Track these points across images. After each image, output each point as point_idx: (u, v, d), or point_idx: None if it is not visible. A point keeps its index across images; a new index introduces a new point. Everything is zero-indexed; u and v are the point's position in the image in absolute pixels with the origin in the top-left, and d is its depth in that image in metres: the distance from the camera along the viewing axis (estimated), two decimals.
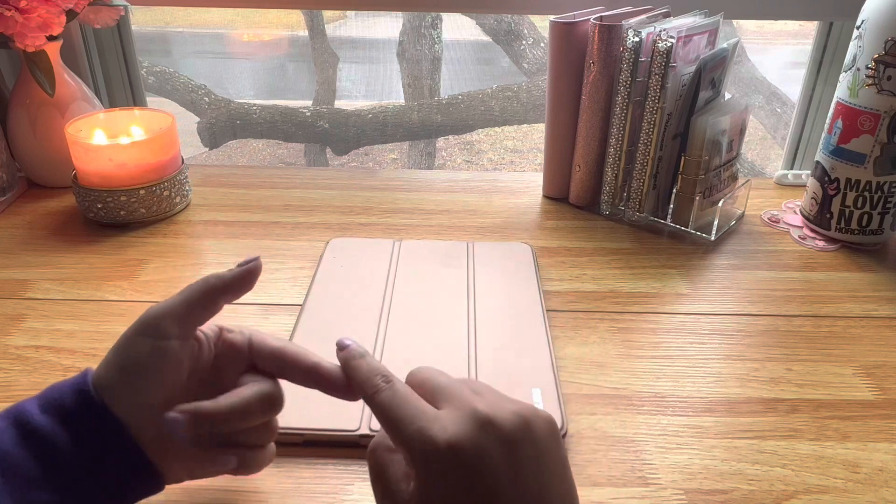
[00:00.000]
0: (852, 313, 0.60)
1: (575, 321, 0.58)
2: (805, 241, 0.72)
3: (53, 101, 0.75)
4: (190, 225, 0.72)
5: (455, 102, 2.09)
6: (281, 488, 0.42)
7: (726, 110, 0.71)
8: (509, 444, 0.29)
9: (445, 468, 0.28)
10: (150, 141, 0.70)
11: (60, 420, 0.32)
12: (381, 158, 2.52)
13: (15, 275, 0.62)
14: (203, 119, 2.05)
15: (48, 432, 0.32)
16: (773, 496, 0.42)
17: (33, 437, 0.32)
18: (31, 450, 0.32)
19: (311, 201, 0.77)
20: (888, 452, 0.45)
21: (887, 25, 0.62)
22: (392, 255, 0.65)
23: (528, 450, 0.29)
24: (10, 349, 0.53)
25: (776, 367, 0.53)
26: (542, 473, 0.29)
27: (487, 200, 0.79)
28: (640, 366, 0.53)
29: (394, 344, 0.52)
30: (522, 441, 0.29)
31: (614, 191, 0.74)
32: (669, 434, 0.46)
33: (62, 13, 0.68)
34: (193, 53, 2.61)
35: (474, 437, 0.29)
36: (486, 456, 0.29)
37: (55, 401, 0.33)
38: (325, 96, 2.28)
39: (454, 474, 0.28)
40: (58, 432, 0.32)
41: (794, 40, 2.50)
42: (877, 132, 0.65)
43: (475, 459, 0.28)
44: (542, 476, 0.29)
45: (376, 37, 2.50)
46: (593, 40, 0.69)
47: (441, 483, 0.28)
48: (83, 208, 0.71)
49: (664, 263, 0.67)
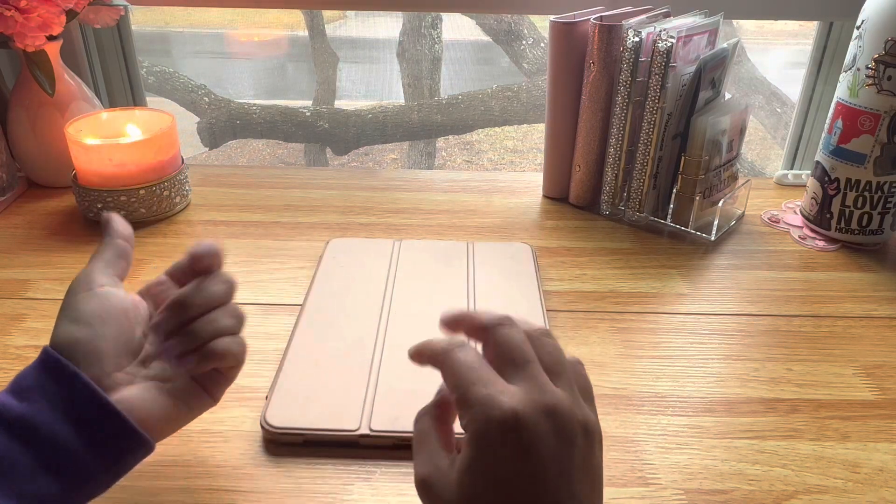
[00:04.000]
0: (852, 313, 0.60)
1: (575, 321, 0.58)
2: (805, 241, 0.72)
3: (53, 101, 0.75)
4: (190, 225, 0.72)
5: (455, 102, 2.09)
6: (281, 488, 0.42)
7: (726, 110, 0.71)
8: (567, 441, 0.29)
9: (503, 440, 0.28)
10: (150, 141, 0.70)
11: (31, 398, 0.33)
12: (381, 158, 2.52)
13: (15, 275, 0.62)
14: (203, 119, 2.05)
15: (27, 416, 0.32)
16: (773, 496, 0.42)
17: (14, 426, 0.32)
18: (16, 439, 0.32)
19: (311, 201, 0.77)
20: (888, 452, 0.45)
21: (887, 25, 0.62)
22: (392, 255, 0.65)
23: (580, 454, 0.29)
24: (10, 349, 0.53)
25: (776, 367, 0.53)
26: (584, 482, 0.29)
27: (487, 200, 0.79)
28: (640, 366, 0.53)
29: (394, 344, 0.52)
30: (578, 443, 0.29)
31: (614, 191, 0.74)
32: (669, 434, 0.46)
33: (62, 13, 0.68)
34: (193, 53, 2.61)
35: (538, 419, 0.29)
36: (542, 441, 0.28)
37: (22, 381, 0.34)
38: (325, 96, 2.28)
39: (508, 449, 0.28)
40: (34, 412, 0.32)
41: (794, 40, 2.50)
42: (877, 132, 0.65)
43: (532, 440, 0.28)
44: (584, 484, 0.29)
45: (376, 37, 2.50)
46: (593, 40, 0.69)
47: (491, 456, 0.28)
48: (83, 208, 0.71)
49: (664, 263, 0.67)
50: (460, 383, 0.30)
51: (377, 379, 0.48)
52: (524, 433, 0.28)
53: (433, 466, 0.31)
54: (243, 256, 0.66)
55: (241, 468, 0.43)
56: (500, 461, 0.28)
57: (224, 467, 0.43)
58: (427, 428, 0.32)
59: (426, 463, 0.31)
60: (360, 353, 0.51)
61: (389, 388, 0.48)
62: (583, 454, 0.29)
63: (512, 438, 0.28)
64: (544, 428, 0.29)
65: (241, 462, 0.43)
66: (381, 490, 0.42)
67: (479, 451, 0.29)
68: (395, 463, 0.43)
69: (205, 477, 0.42)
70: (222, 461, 0.43)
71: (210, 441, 0.44)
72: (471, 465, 0.29)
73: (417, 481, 0.31)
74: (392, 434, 0.44)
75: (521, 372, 0.30)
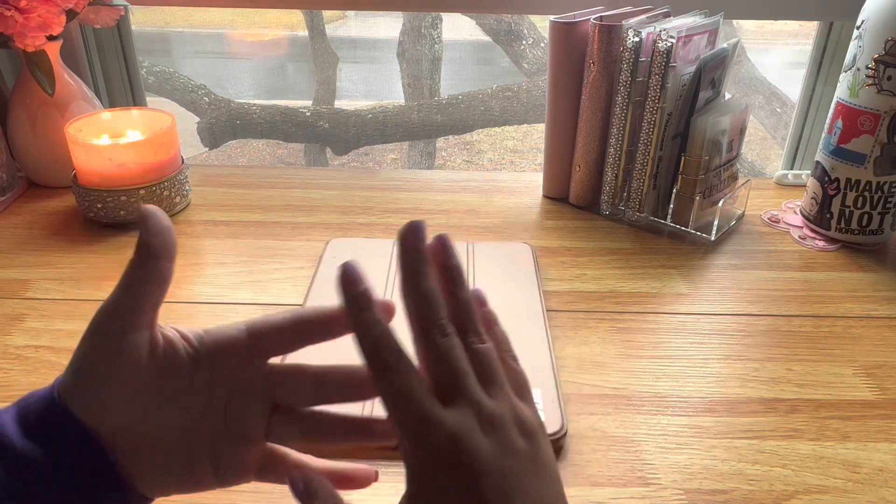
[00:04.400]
0: (852, 313, 0.60)
1: (575, 321, 0.58)
2: (805, 241, 0.72)
3: (53, 101, 0.75)
4: (190, 225, 0.72)
5: (455, 102, 2.09)
6: (281, 488, 0.41)
7: (726, 110, 0.71)
8: (510, 451, 0.28)
9: (445, 469, 0.27)
10: (150, 141, 0.70)
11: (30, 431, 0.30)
12: (381, 158, 2.52)
13: (15, 275, 0.62)
14: (203, 119, 2.05)
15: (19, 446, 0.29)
16: (773, 496, 0.42)
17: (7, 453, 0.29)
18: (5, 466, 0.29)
19: (311, 201, 0.77)
20: (888, 452, 0.45)
21: (887, 25, 0.62)
22: (392, 255, 0.65)
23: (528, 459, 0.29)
24: (10, 349, 0.53)
25: (776, 367, 0.53)
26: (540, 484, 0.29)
27: (487, 200, 0.79)
28: (640, 366, 0.53)
29: None
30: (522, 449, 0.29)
31: (614, 191, 0.74)
32: (669, 434, 0.46)
33: (62, 13, 0.68)
34: (193, 53, 2.61)
35: (477, 439, 0.28)
36: (486, 462, 0.28)
37: (27, 408, 0.31)
38: (325, 96, 2.28)
39: (453, 478, 0.27)
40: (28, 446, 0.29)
41: (794, 40, 2.50)
42: (877, 132, 0.65)
43: (474, 462, 0.27)
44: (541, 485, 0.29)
45: (376, 37, 2.50)
46: (593, 40, 0.69)
47: (435, 488, 0.28)
48: (83, 208, 0.71)
49: (664, 263, 0.67)
50: (398, 407, 0.28)
51: None
52: (465, 457, 0.27)
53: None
54: (243, 256, 0.66)
55: None
56: (444, 492, 0.27)
57: None
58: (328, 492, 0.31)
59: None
60: None
61: None
62: (531, 457, 0.29)
63: (453, 465, 0.27)
64: (485, 447, 0.28)
65: None
66: (381, 490, 0.42)
67: (420, 487, 0.28)
68: (395, 463, 0.43)
69: None
70: None
71: None
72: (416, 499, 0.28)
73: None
74: None
75: (457, 389, 0.29)
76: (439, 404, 0.29)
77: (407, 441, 0.28)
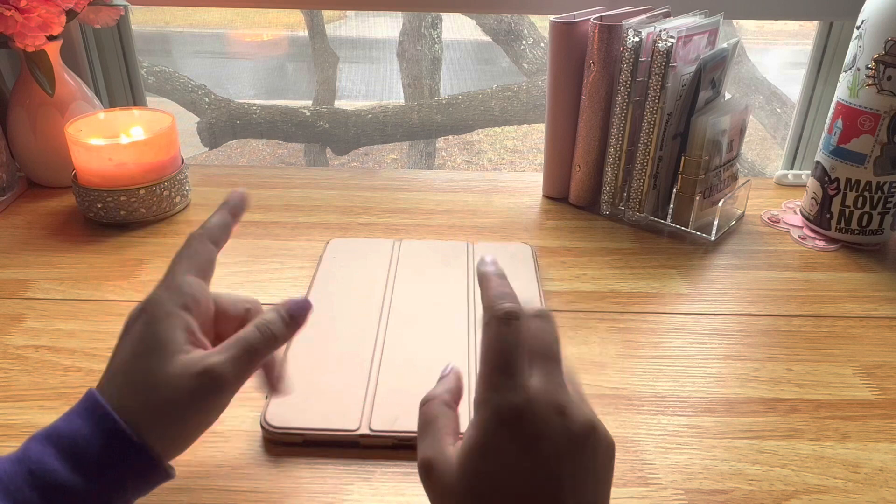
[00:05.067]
0: (852, 313, 0.60)
1: (575, 321, 0.58)
2: (805, 241, 0.72)
3: (53, 101, 0.75)
4: (190, 225, 0.72)
5: (455, 102, 2.09)
6: (281, 488, 0.42)
7: (726, 110, 0.71)
8: (574, 442, 0.29)
9: (511, 430, 0.28)
10: (150, 141, 0.70)
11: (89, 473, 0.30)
12: (381, 158, 2.52)
13: (15, 275, 0.62)
14: (203, 119, 2.05)
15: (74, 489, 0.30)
16: (773, 496, 0.42)
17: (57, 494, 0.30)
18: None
19: (311, 201, 0.77)
20: (888, 452, 0.45)
21: (887, 25, 0.62)
22: (392, 255, 0.65)
23: (587, 457, 0.29)
24: (10, 349, 0.53)
25: (776, 367, 0.53)
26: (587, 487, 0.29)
27: (487, 200, 0.79)
28: (640, 366, 0.53)
29: (393, 344, 0.52)
30: (584, 447, 0.29)
31: (614, 191, 0.74)
32: (669, 434, 0.46)
33: (62, 13, 0.68)
34: (193, 53, 2.61)
35: (549, 416, 0.29)
36: (550, 439, 0.28)
37: (78, 450, 0.31)
38: (325, 96, 2.28)
39: (516, 440, 0.28)
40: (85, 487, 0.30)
41: (794, 40, 2.50)
42: (877, 132, 0.65)
43: (539, 435, 0.28)
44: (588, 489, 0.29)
45: (376, 37, 2.49)
46: (593, 40, 0.69)
47: (496, 441, 0.29)
48: (83, 208, 0.71)
49: (664, 263, 0.67)
50: (490, 359, 0.30)
51: (377, 379, 0.48)
52: (532, 427, 0.28)
53: (437, 450, 0.30)
54: (243, 256, 0.66)
55: (240, 468, 0.43)
56: (505, 449, 0.28)
57: (224, 467, 0.43)
58: (434, 412, 0.32)
59: (430, 446, 0.31)
60: (360, 353, 0.51)
61: (389, 389, 0.48)
62: (589, 457, 0.29)
63: (520, 430, 0.28)
64: (554, 426, 0.29)
65: (241, 462, 0.43)
66: (381, 490, 0.42)
67: (485, 435, 0.29)
68: (394, 463, 0.43)
69: (204, 476, 0.42)
70: (222, 461, 0.43)
71: (210, 441, 0.44)
72: (475, 447, 0.29)
73: (420, 464, 0.31)
74: (392, 434, 0.44)
75: (547, 367, 0.30)
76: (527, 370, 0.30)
77: (487, 393, 0.29)
